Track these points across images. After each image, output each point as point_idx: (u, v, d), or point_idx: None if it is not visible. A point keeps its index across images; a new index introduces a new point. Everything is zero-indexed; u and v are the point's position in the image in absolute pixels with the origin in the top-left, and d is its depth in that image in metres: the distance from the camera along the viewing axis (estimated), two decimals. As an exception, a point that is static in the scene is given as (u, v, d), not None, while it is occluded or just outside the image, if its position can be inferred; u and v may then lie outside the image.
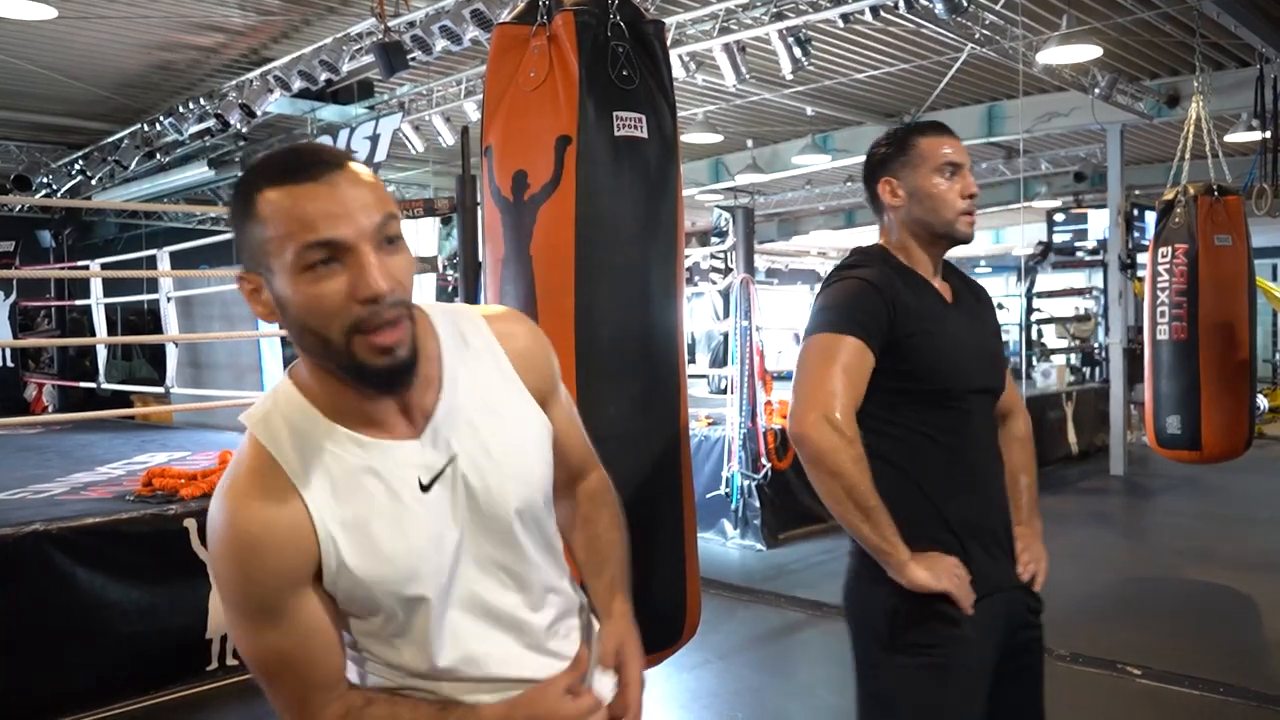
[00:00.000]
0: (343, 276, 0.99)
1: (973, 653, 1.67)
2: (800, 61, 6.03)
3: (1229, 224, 5.22)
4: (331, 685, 1.11)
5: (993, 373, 1.85)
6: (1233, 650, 4.15)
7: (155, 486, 4.10)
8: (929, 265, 1.82)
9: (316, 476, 1.06)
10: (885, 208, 1.83)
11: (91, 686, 3.47)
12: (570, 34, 2.06)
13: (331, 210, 0.98)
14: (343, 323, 1.00)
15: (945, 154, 1.77)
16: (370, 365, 1.02)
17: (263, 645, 1.08)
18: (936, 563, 1.64)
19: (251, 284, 1.05)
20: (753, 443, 5.94)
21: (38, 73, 7.35)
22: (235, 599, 1.07)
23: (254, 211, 1.01)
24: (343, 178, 1.01)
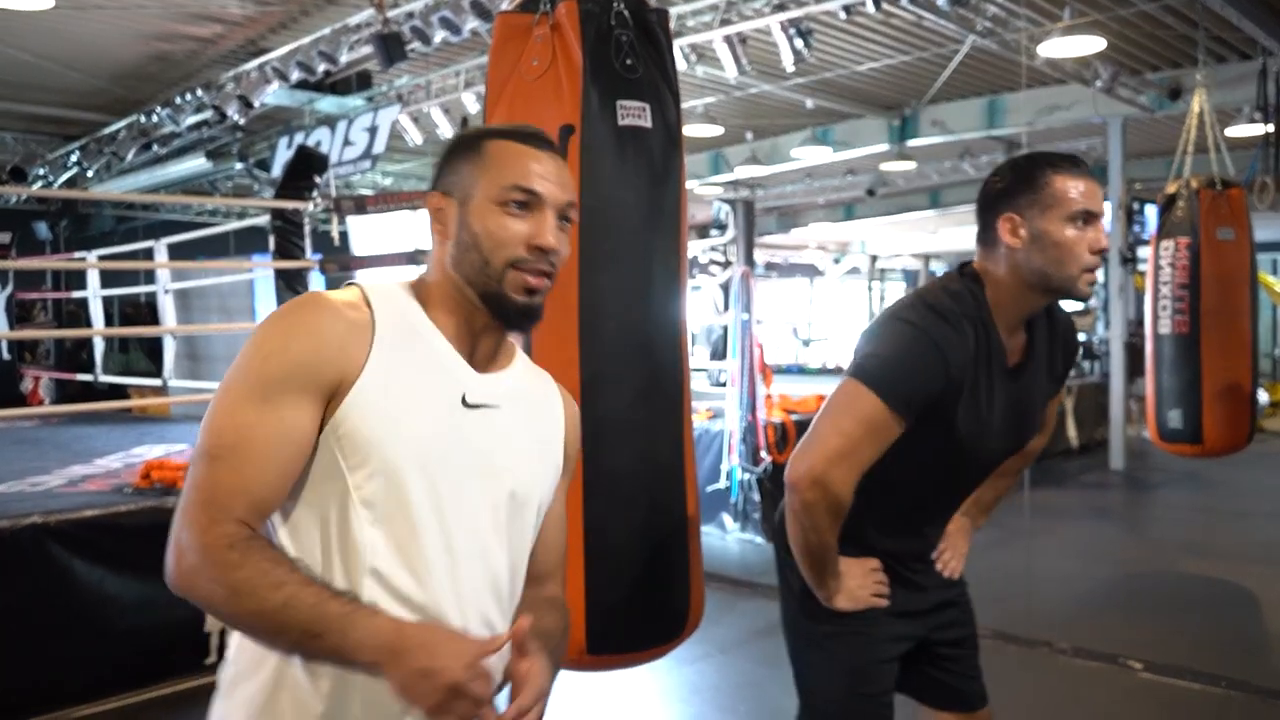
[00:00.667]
0: (527, 222, 1.18)
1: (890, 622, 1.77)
2: (801, 53, 6.00)
3: (1231, 217, 5.20)
4: (256, 503, 1.08)
5: (1020, 438, 1.78)
6: (1235, 644, 4.15)
7: (153, 479, 4.08)
8: (1018, 318, 1.68)
9: (393, 338, 1.15)
10: (1000, 245, 1.64)
11: (90, 680, 3.45)
12: (573, 22, 2.03)
13: (543, 173, 1.19)
14: (509, 254, 1.17)
15: (1081, 200, 1.59)
16: (511, 299, 1.18)
17: (237, 419, 1.09)
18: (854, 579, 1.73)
19: (440, 203, 1.22)
20: (752, 436, 5.92)
21: (34, 63, 7.31)
22: (253, 365, 1.12)
23: (479, 149, 1.21)
24: (557, 159, 1.23)
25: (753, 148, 10.59)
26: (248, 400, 1.10)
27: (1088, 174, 1.63)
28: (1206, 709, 3.48)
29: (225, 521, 1.07)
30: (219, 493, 1.08)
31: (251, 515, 1.09)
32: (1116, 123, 8.50)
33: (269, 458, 1.09)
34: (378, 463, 1.11)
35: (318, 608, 1.04)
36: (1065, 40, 6.49)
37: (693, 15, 6.26)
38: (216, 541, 1.06)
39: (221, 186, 10.94)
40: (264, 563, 1.06)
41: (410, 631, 1.05)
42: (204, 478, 1.09)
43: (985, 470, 1.82)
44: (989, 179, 1.70)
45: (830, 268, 19.66)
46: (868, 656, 1.75)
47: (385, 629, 1.04)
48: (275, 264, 5.34)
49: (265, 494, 1.10)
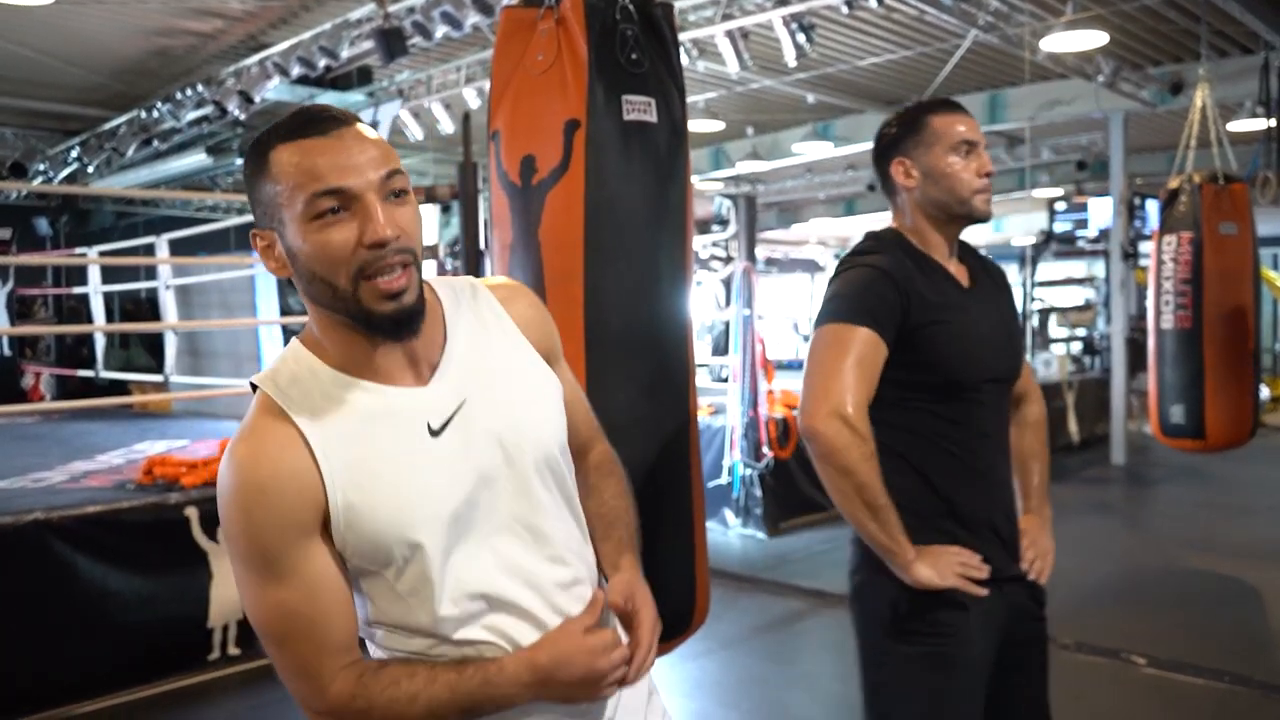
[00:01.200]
0: (351, 224, 1.04)
1: (974, 643, 1.67)
2: (803, 48, 5.99)
3: (1234, 212, 5.19)
4: (342, 648, 1.08)
5: (1008, 360, 1.81)
6: (1237, 639, 4.15)
7: (156, 475, 4.08)
8: (944, 248, 1.78)
9: (323, 421, 1.07)
10: (898, 189, 1.78)
11: (92, 676, 3.46)
12: (579, 17, 2.02)
13: (339, 162, 1.04)
14: (350, 268, 1.04)
15: (960, 132, 1.72)
16: (377, 311, 1.06)
17: (270, 603, 1.06)
18: (940, 558, 1.63)
19: (265, 240, 1.09)
20: (754, 431, 5.92)
21: (34, 58, 7.30)
22: (244, 552, 1.06)
23: (266, 168, 1.06)
24: (350, 133, 1.06)
25: (754, 143, 10.58)
26: (263, 581, 1.06)
27: (962, 110, 1.77)
28: (1209, 704, 3.49)
29: (331, 681, 1.07)
30: (309, 667, 1.07)
31: (347, 656, 1.09)
32: (1118, 117, 8.49)
33: (323, 609, 1.07)
34: (401, 556, 1.08)
35: (456, 692, 1.08)
36: (1067, 35, 6.48)
37: (694, 10, 6.25)
38: (337, 702, 1.07)
39: (222, 182, 10.93)
40: (388, 689, 1.07)
41: (542, 660, 1.11)
42: (287, 661, 1.09)
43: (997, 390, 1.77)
44: (879, 133, 1.83)
45: (831, 263, 19.65)
46: (953, 679, 1.66)
47: (521, 672, 1.11)
48: (277, 260, 5.32)
49: (345, 636, 1.09)
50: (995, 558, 1.71)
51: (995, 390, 1.78)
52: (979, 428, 1.74)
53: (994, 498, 1.76)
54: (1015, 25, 6.39)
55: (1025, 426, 1.92)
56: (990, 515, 1.74)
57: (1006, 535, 1.77)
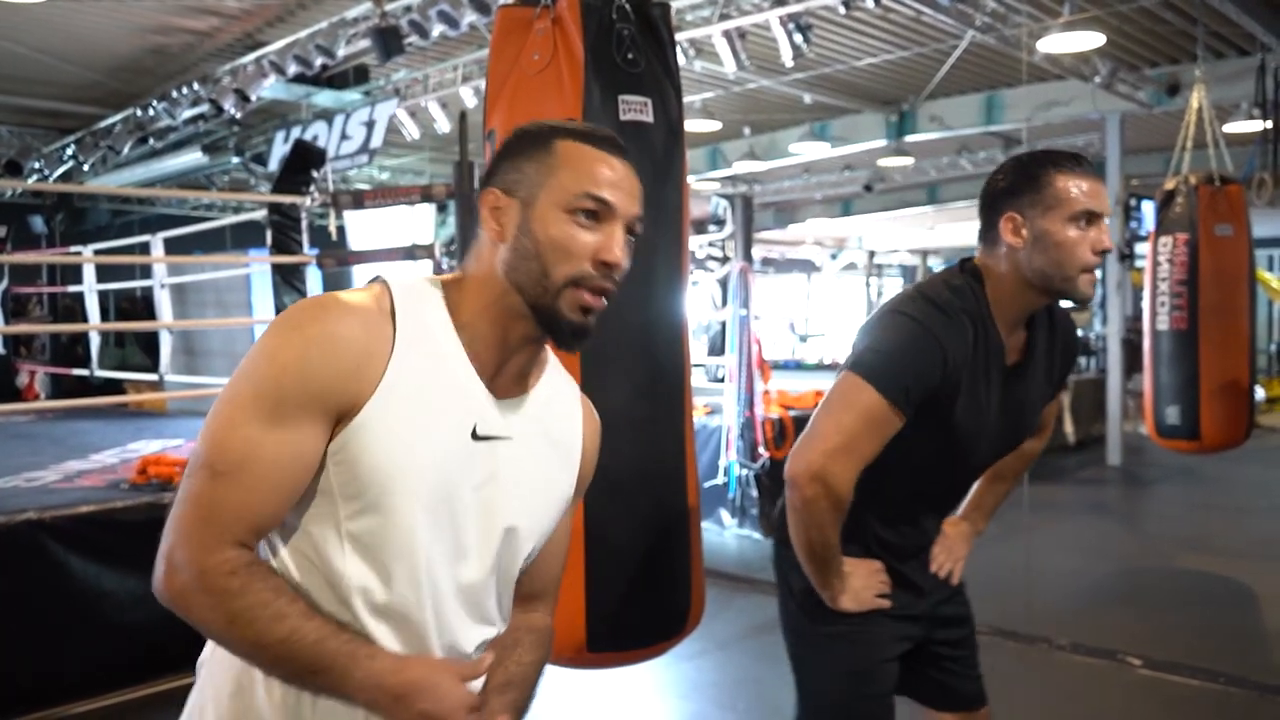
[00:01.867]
0: (595, 234, 1.10)
1: (888, 624, 1.76)
2: (800, 48, 5.99)
3: (1230, 214, 5.20)
4: (256, 527, 1.04)
5: (1016, 438, 1.80)
6: (1232, 640, 4.15)
7: (150, 474, 4.06)
8: (1017, 316, 1.67)
9: (413, 352, 1.08)
10: (1001, 244, 1.63)
11: (87, 675, 3.44)
12: (575, 16, 2.02)
13: (618, 183, 1.11)
14: (572, 268, 1.09)
15: (1084, 200, 1.57)
16: (565, 317, 1.10)
17: (243, 435, 1.02)
18: (859, 579, 1.72)
19: (498, 202, 1.12)
20: (750, 432, 5.92)
21: (29, 56, 7.28)
22: (264, 378, 1.04)
23: (548, 147, 1.12)
24: (629, 167, 1.14)
25: (751, 143, 10.58)
26: (256, 416, 1.03)
27: (1092, 173, 1.61)
28: (1204, 704, 3.49)
29: (226, 544, 1.02)
30: (221, 513, 1.02)
31: (251, 538, 1.05)
32: (1115, 118, 8.50)
33: (276, 480, 1.03)
34: (370, 499, 1.06)
35: (319, 645, 1.03)
36: (1064, 36, 6.48)
37: (692, 10, 6.25)
38: (217, 566, 1.01)
39: (218, 181, 10.91)
40: (266, 592, 1.02)
41: (411, 675, 1.06)
42: (205, 494, 1.03)
43: (980, 467, 1.82)
44: (992, 177, 1.69)
45: (828, 263, 19.67)
46: (869, 657, 1.74)
47: (386, 672, 1.05)
48: (272, 259, 5.32)
49: (268, 517, 1.05)
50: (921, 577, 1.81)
51: (981, 465, 1.82)
52: (952, 490, 1.83)
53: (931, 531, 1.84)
54: (1012, 26, 6.40)
55: (1015, 453, 1.90)
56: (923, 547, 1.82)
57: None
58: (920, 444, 1.64)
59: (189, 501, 1.04)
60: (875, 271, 19.84)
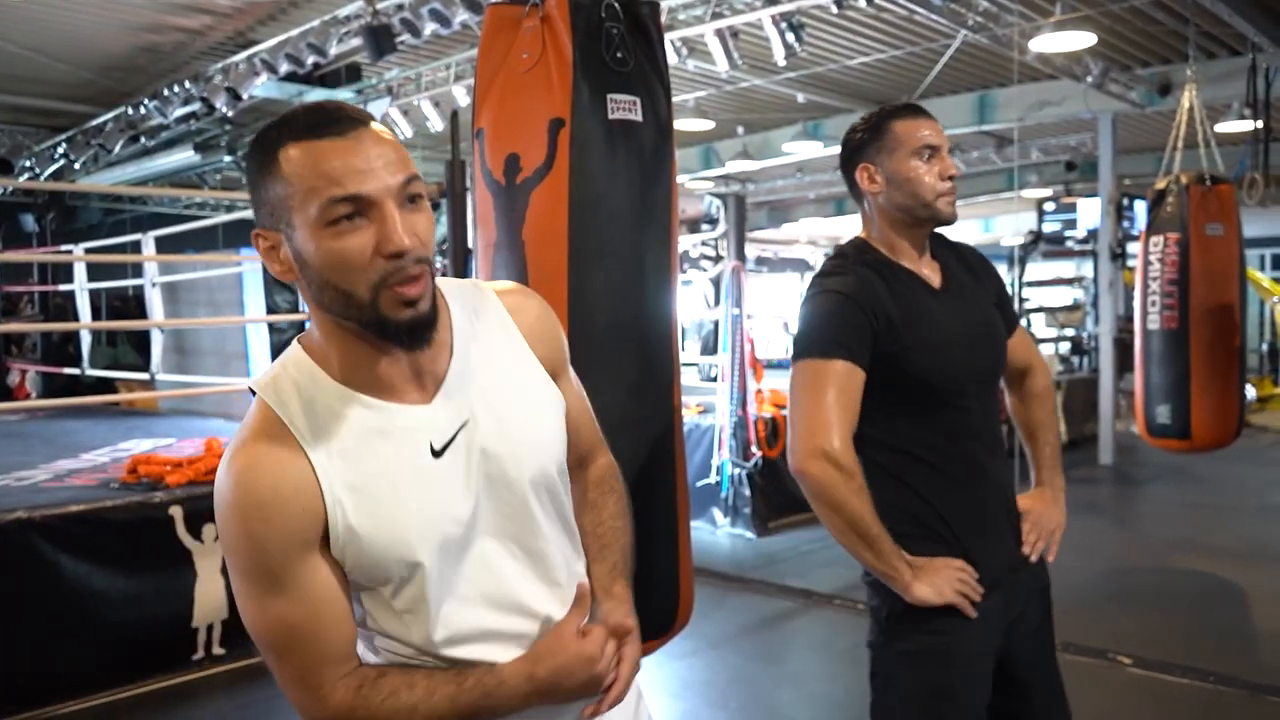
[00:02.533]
0: (367, 232, 0.99)
1: (972, 640, 1.68)
2: (793, 48, 5.99)
3: (1221, 213, 5.22)
4: (342, 659, 1.08)
5: (988, 353, 1.81)
6: (1223, 639, 4.16)
7: (140, 474, 4.06)
8: (913, 250, 1.79)
9: (324, 438, 1.04)
10: (864, 195, 1.80)
11: (76, 675, 3.44)
12: (564, 15, 2.01)
13: (356, 166, 0.98)
14: (369, 278, 1.00)
15: (922, 136, 1.74)
16: (394, 319, 1.02)
17: (270, 616, 1.05)
18: (938, 574, 1.66)
19: (269, 241, 1.04)
20: (743, 431, 5.92)
21: (19, 54, 7.25)
22: (243, 565, 1.05)
23: (275, 167, 1.00)
24: (367, 135, 1.01)
25: (744, 142, 10.58)
26: (264, 593, 1.05)
27: (925, 114, 1.78)
28: (1195, 704, 3.50)
29: (332, 691, 1.07)
30: (309, 677, 1.07)
31: (347, 665, 1.09)
32: (1107, 118, 8.51)
33: (323, 620, 1.06)
34: (398, 576, 1.07)
35: (457, 703, 1.08)
36: (1056, 36, 6.49)
37: (684, 9, 6.24)
38: (338, 712, 1.07)
39: (210, 179, 10.87)
40: (388, 700, 1.07)
41: (540, 674, 1.11)
42: (287, 672, 1.08)
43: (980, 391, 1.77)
44: (845, 139, 1.84)
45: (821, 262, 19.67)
46: (953, 674, 1.68)
47: (520, 684, 1.11)
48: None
49: (344, 646, 1.09)
50: (993, 558, 1.73)
51: (979, 389, 1.78)
52: (967, 432, 1.75)
53: (988, 496, 1.77)
54: (1004, 26, 6.40)
55: (1030, 398, 1.95)
56: (987, 512, 1.75)
57: (1007, 527, 1.80)
58: (906, 380, 1.68)
59: (284, 682, 1.08)
60: (869, 271, 19.82)
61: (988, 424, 1.81)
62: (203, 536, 3.74)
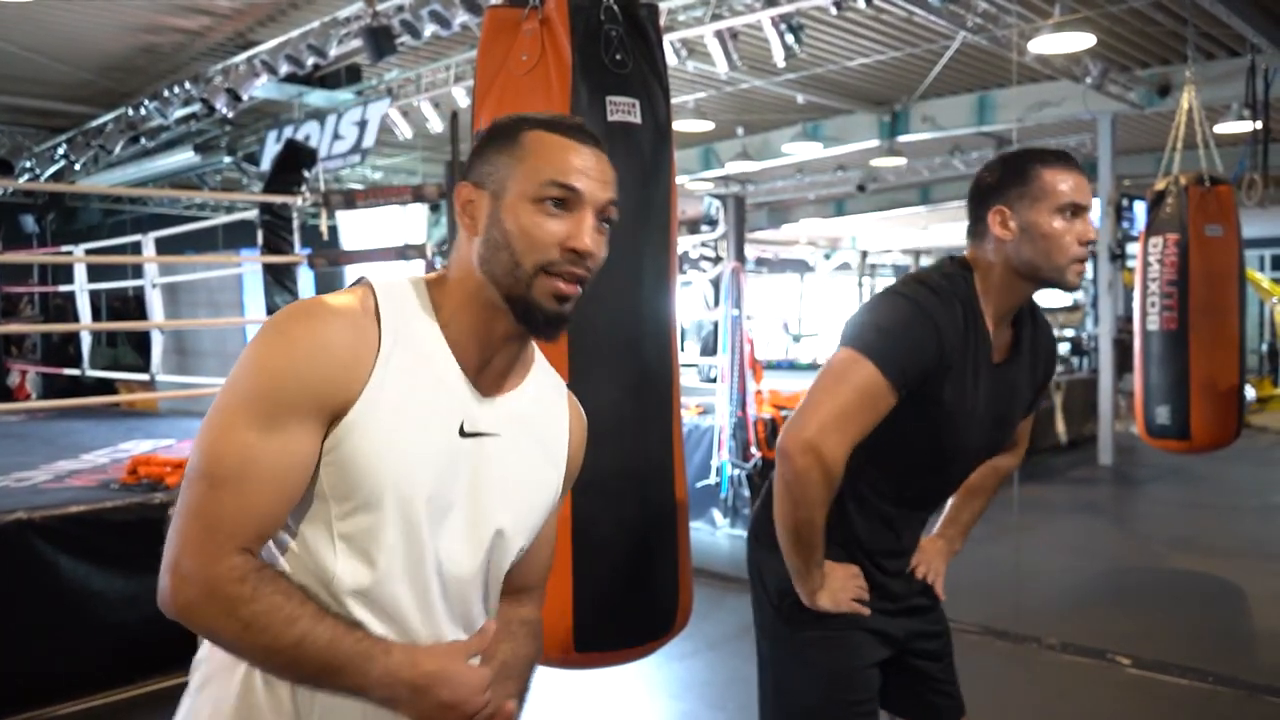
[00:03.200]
0: (564, 222, 1.10)
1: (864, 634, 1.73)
2: (792, 49, 6.00)
3: (1220, 214, 5.23)
4: (256, 534, 1.04)
5: (999, 438, 1.80)
6: (1221, 639, 4.17)
7: (140, 474, 4.06)
8: (1008, 308, 1.70)
9: (399, 352, 1.09)
10: (989, 237, 1.67)
11: (76, 676, 3.44)
12: (563, 17, 2.02)
13: (584, 168, 1.11)
14: (541, 257, 1.09)
15: (1068, 192, 1.62)
16: (539, 305, 1.10)
17: (240, 442, 1.03)
18: (838, 585, 1.71)
19: (471, 195, 1.14)
20: (742, 432, 5.92)
21: (20, 55, 7.26)
22: (255, 385, 1.05)
23: (517, 138, 1.12)
24: (601, 155, 1.14)
25: (744, 143, 10.58)
26: (250, 422, 1.03)
27: (1076, 168, 1.65)
28: (1193, 704, 3.50)
29: (231, 552, 1.02)
30: (224, 521, 1.03)
31: (256, 543, 1.05)
32: (1106, 119, 8.52)
33: (275, 485, 1.04)
34: (361, 499, 1.07)
35: (333, 645, 1.04)
36: (1055, 37, 6.50)
37: (684, 10, 6.25)
38: (225, 574, 1.02)
39: (210, 180, 10.89)
40: (276, 596, 1.03)
41: (428, 667, 1.08)
42: (205, 504, 1.03)
43: (963, 464, 1.79)
44: (980, 173, 1.73)
45: (821, 263, 19.69)
46: (849, 662, 1.72)
47: (403, 666, 1.07)
48: (264, 258, 5.32)
49: (271, 522, 1.06)
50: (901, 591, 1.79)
51: (974, 461, 1.80)
52: (932, 492, 1.80)
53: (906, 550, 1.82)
54: (1003, 27, 6.41)
55: (991, 470, 1.93)
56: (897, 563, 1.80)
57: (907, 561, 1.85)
58: (910, 431, 1.64)
59: (190, 513, 1.04)
60: (868, 271, 19.85)
61: (946, 491, 1.86)
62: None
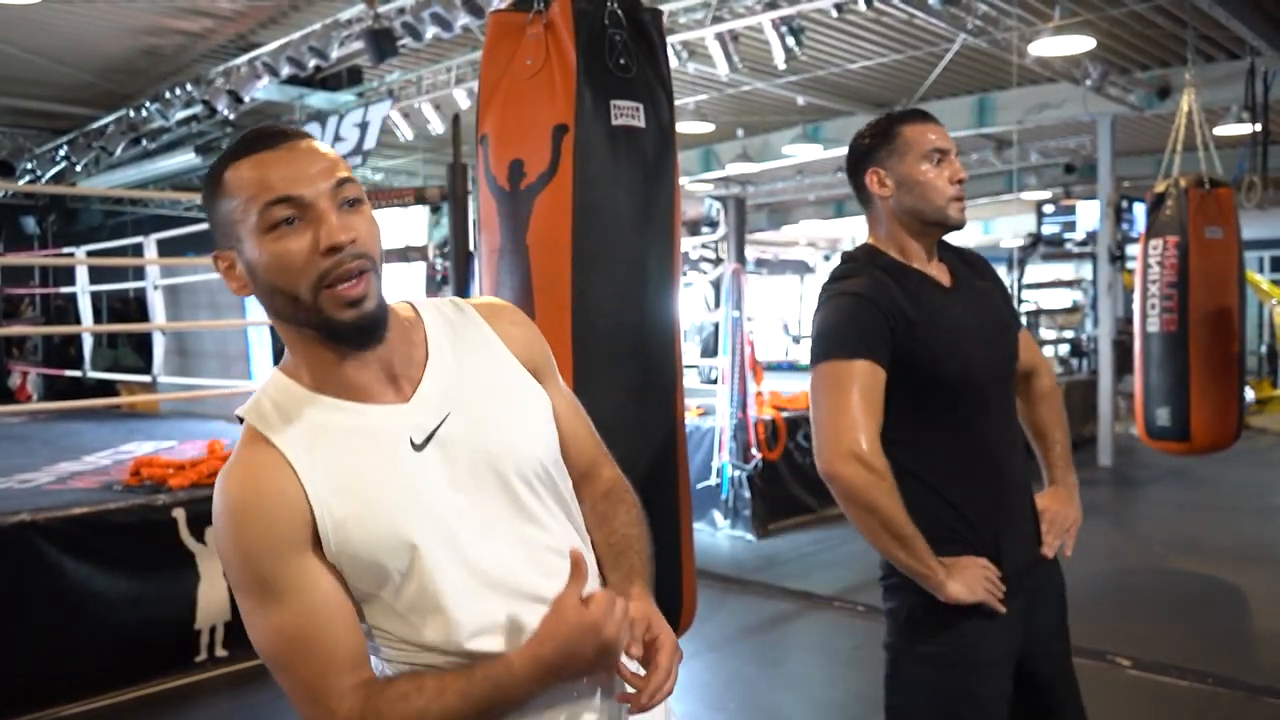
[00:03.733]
0: (306, 233, 1.05)
1: (995, 639, 1.70)
2: (793, 51, 6.01)
3: (1220, 216, 5.23)
4: (348, 667, 1.06)
5: (1004, 351, 1.83)
6: (1221, 640, 4.17)
7: (143, 476, 4.06)
8: (923, 253, 1.80)
9: (303, 442, 1.08)
10: (873, 199, 1.81)
11: (78, 677, 3.45)
12: (567, 21, 2.03)
13: (290, 173, 1.05)
14: (309, 278, 1.05)
15: (931, 140, 1.75)
16: (339, 319, 1.06)
17: (271, 626, 1.05)
18: (968, 572, 1.67)
19: (225, 260, 1.10)
20: (743, 433, 5.93)
21: (21, 57, 7.26)
22: (241, 578, 1.07)
23: (221, 187, 1.08)
24: (300, 146, 1.08)
25: (744, 145, 10.59)
26: (264, 607, 1.06)
27: (933, 120, 1.79)
28: (1194, 705, 3.51)
29: (340, 701, 1.05)
30: (316, 688, 1.05)
31: (355, 674, 1.07)
32: (1106, 121, 8.53)
33: (327, 628, 1.06)
34: (395, 576, 1.08)
35: (469, 698, 1.06)
36: (1055, 39, 6.51)
37: (684, 12, 6.26)
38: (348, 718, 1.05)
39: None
40: (399, 704, 1.05)
41: (547, 655, 1.08)
42: (295, 685, 1.07)
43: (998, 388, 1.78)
44: (851, 144, 1.85)
45: (821, 265, 19.69)
46: (973, 676, 1.69)
47: (529, 669, 1.08)
48: (265, 260, 5.32)
49: (350, 653, 1.08)
50: (1017, 558, 1.74)
51: (997, 386, 1.80)
52: (987, 429, 1.76)
53: (1009, 498, 1.78)
54: (1003, 29, 6.42)
55: (1037, 399, 1.95)
56: (1006, 517, 1.75)
57: (1028, 524, 1.81)
58: (922, 382, 1.68)
59: (294, 697, 1.07)
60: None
61: (1006, 422, 1.82)
62: (205, 539, 3.75)
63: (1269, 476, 8.12)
